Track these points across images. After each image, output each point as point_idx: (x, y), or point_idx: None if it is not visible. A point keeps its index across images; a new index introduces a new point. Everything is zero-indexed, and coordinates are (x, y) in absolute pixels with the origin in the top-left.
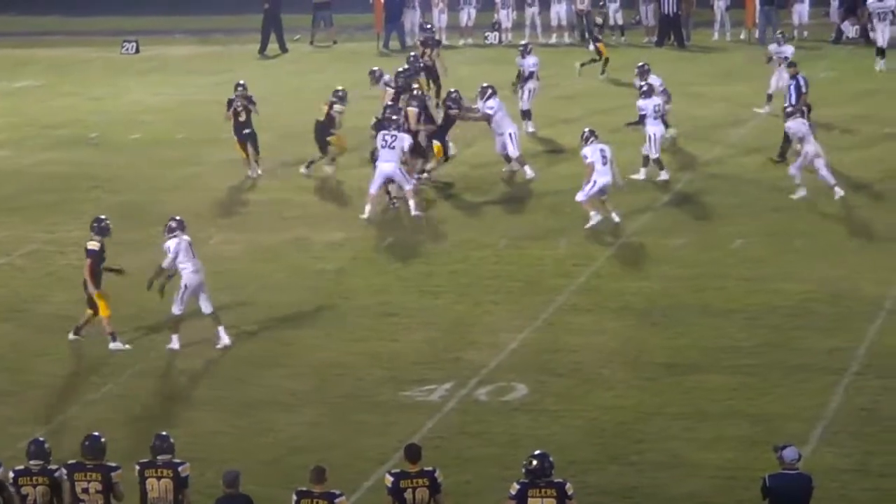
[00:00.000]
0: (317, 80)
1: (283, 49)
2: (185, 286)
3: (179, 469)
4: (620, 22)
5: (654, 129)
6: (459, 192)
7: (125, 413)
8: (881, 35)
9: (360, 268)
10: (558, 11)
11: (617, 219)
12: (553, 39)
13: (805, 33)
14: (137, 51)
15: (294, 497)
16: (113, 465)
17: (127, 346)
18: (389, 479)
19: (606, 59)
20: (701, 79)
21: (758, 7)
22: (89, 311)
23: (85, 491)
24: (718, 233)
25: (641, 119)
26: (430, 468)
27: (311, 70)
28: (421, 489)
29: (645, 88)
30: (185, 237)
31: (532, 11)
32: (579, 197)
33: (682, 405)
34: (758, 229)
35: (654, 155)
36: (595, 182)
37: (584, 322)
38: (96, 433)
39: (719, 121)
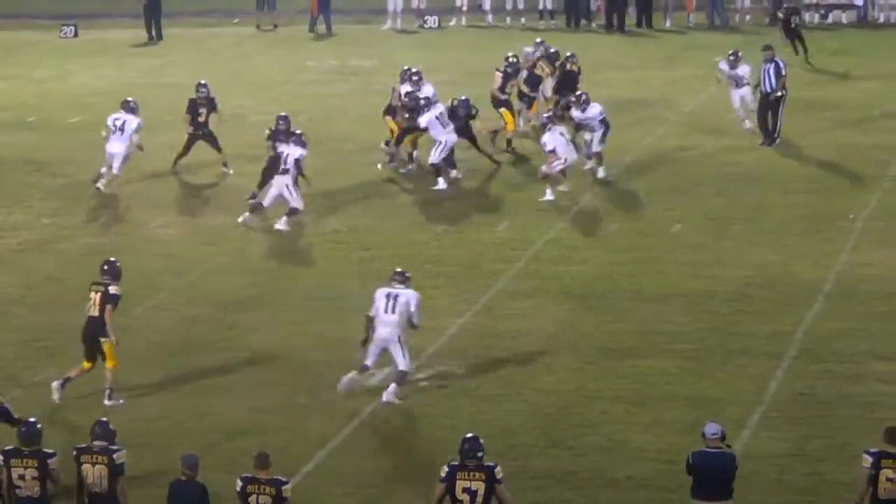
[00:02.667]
0: (259, 64)
1: (159, 37)
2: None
3: (115, 456)
4: (550, 6)
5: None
6: (401, 178)
7: (66, 397)
8: None
9: (303, 252)
10: None
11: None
12: (507, 22)
13: (747, 17)
14: (76, 34)
15: (239, 483)
16: (49, 451)
17: (121, 402)
18: None
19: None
20: (643, 62)
21: None
22: (86, 365)
23: (21, 477)
24: (657, 218)
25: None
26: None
27: (253, 53)
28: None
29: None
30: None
31: None
32: (544, 169)
33: (622, 389)
34: (696, 214)
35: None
36: (565, 160)
37: (524, 306)
38: (32, 419)
39: (658, 105)
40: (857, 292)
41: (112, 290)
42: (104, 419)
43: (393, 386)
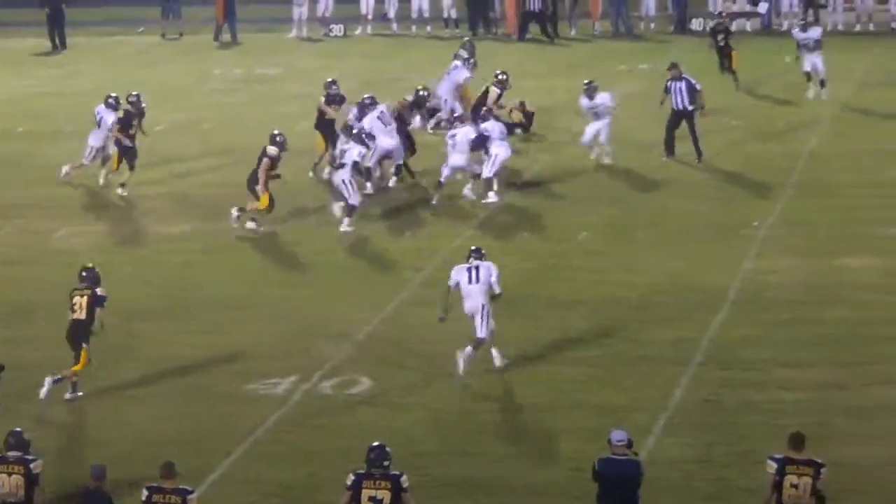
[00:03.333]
0: (163, 72)
1: (63, 46)
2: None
3: (31, 466)
4: (455, 15)
5: (497, 150)
6: (310, 186)
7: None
8: (808, 64)
9: (208, 261)
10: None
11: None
12: (413, 30)
13: (652, 25)
14: None
15: (145, 492)
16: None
17: (79, 394)
18: None
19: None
20: (552, 70)
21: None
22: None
23: None
24: (564, 225)
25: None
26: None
27: (158, 62)
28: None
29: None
30: None
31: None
32: (487, 173)
33: (527, 396)
34: (602, 221)
35: (487, 174)
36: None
37: (431, 314)
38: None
39: (563, 113)
40: (760, 299)
41: (99, 292)
42: (18, 429)
43: (495, 351)
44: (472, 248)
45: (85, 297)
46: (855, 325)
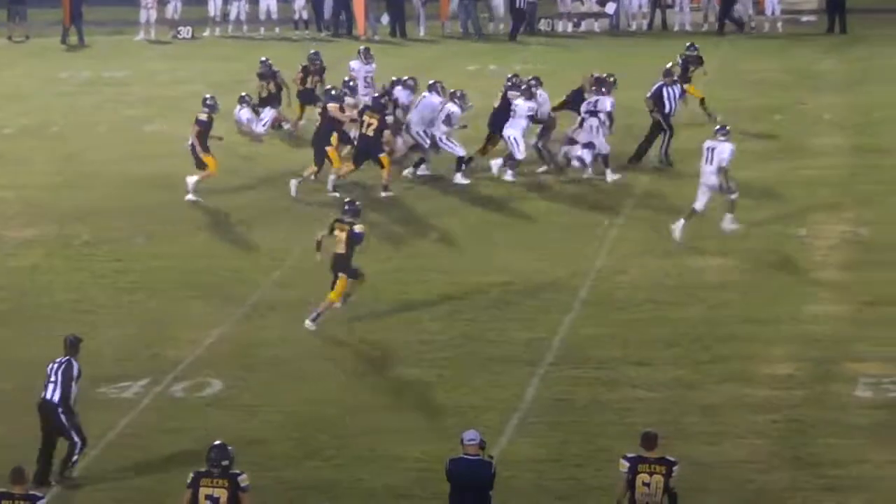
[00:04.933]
0: (10, 75)
1: None
2: None
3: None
4: (305, 16)
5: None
6: (156, 187)
7: None
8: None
9: (54, 265)
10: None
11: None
12: (261, 32)
13: (501, 27)
14: None
15: None
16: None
17: None
18: None
19: None
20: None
21: (456, 1)
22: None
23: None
24: (419, 226)
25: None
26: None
27: (4, 65)
28: None
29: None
30: None
31: (239, 4)
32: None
33: (382, 398)
34: (457, 222)
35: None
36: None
37: (283, 317)
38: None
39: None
40: (612, 299)
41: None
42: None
43: (728, 216)
44: (719, 126)
45: None
46: (705, 324)
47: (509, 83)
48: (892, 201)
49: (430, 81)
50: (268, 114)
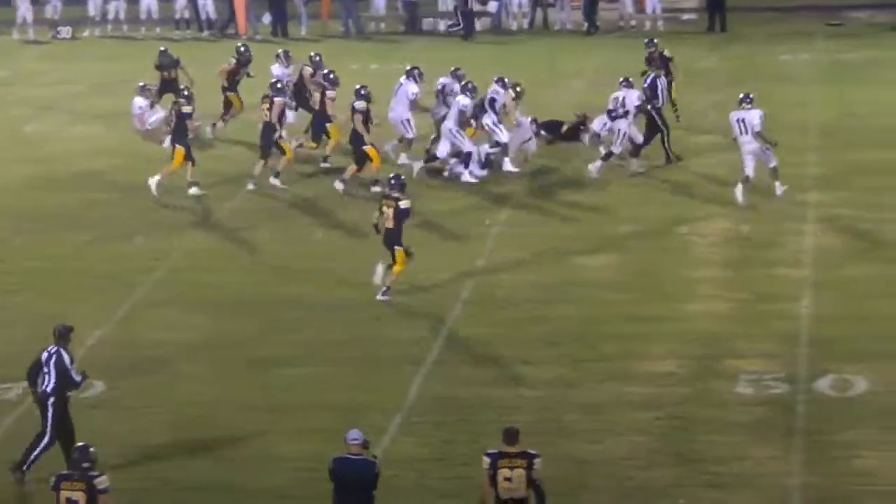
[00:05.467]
0: None
1: None
2: None
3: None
4: (187, 16)
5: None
6: (36, 188)
7: None
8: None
9: None
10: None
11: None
12: (142, 32)
13: (382, 25)
14: None
15: None
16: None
17: None
18: None
19: None
20: None
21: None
22: None
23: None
24: (301, 225)
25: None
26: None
27: None
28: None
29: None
30: None
31: (118, 4)
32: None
33: (267, 398)
34: (339, 222)
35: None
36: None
37: (165, 316)
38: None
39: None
40: (494, 298)
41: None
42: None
43: (776, 183)
44: (743, 95)
45: None
46: (587, 322)
47: (451, 76)
48: (772, 199)
49: (408, 68)
50: (159, 114)
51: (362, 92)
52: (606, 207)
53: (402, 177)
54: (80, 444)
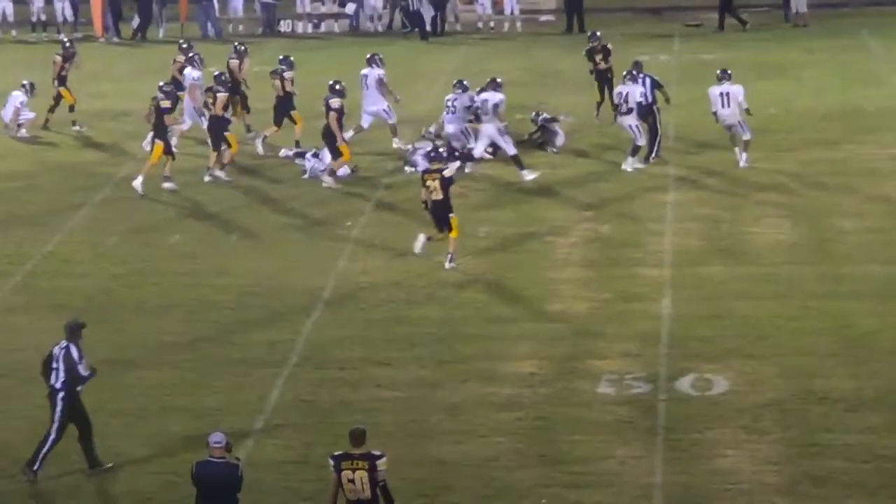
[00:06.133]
0: None
1: None
2: None
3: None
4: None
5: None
6: None
7: None
8: None
9: None
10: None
11: None
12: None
13: (240, 27)
14: None
15: None
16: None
17: None
18: None
19: None
20: (135, 73)
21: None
22: None
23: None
24: (155, 229)
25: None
26: None
27: None
28: None
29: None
30: None
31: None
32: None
33: (122, 402)
34: (194, 225)
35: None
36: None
37: (21, 321)
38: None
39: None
40: (354, 299)
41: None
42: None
43: (743, 155)
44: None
45: None
46: (448, 323)
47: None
48: (632, 200)
49: (368, 55)
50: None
51: (337, 87)
52: (467, 208)
53: (441, 148)
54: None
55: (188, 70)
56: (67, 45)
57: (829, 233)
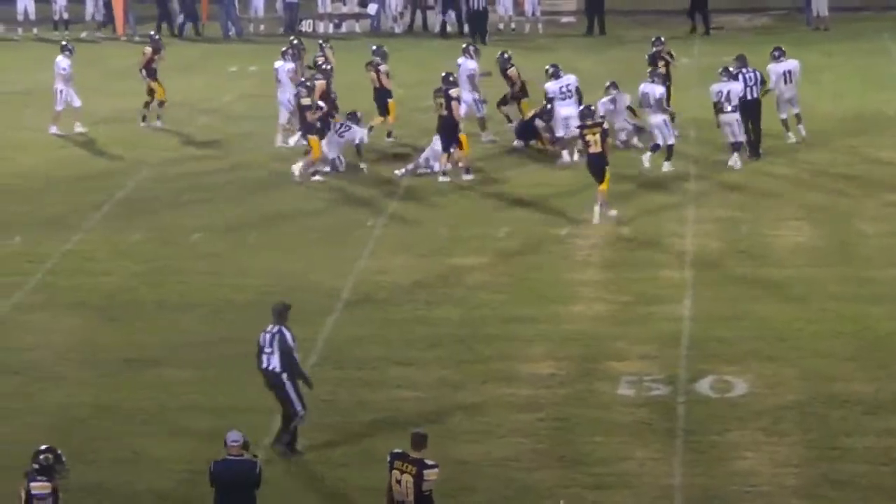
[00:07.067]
0: None
1: None
2: None
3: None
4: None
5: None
6: None
7: None
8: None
9: None
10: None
11: None
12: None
13: (262, 27)
14: None
15: None
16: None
17: None
18: None
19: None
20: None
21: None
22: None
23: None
24: (176, 227)
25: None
26: None
27: None
28: None
29: (552, 71)
30: None
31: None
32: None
33: (142, 400)
34: (215, 223)
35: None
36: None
37: (39, 320)
38: None
39: (177, 112)
40: (374, 299)
41: None
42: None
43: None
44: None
45: None
46: (467, 323)
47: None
48: (652, 199)
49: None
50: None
51: (451, 79)
52: (487, 209)
53: (592, 106)
54: None
55: (279, 63)
56: (156, 37)
57: (849, 236)
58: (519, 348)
